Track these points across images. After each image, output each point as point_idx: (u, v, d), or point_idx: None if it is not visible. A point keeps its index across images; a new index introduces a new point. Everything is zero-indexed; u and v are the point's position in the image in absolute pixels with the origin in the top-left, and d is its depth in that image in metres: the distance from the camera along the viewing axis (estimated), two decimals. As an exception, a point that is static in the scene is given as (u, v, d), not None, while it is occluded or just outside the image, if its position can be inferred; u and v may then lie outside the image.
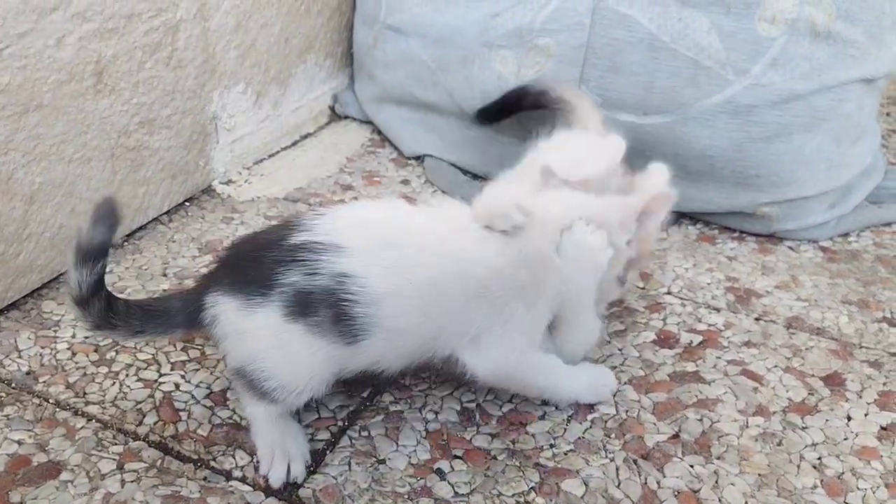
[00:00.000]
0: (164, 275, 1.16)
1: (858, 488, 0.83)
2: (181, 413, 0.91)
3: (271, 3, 1.42)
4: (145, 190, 1.25)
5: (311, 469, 0.84)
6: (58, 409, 0.91)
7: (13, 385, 0.94)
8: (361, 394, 0.95)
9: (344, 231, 0.81)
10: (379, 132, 1.63)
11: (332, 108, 1.69)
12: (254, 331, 0.80)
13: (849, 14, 1.20)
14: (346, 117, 1.70)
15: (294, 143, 1.58)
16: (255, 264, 0.81)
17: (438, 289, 0.81)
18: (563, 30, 1.30)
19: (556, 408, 0.93)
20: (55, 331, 1.04)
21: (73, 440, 0.86)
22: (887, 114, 1.83)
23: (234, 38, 1.36)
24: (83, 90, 1.10)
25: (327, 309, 0.78)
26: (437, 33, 1.43)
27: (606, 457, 0.87)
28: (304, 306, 0.78)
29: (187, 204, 1.35)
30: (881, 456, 0.88)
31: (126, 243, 1.23)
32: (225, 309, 0.82)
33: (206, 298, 0.83)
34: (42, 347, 1.01)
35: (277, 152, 1.54)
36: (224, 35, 1.33)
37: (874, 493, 0.83)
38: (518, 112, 1.34)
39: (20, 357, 0.99)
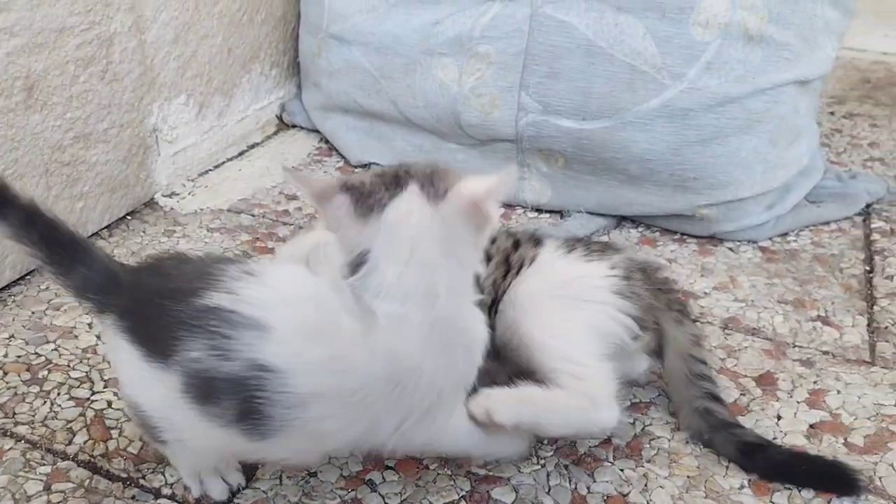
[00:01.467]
0: (102, 290, 1.14)
1: (785, 487, 0.84)
2: (112, 431, 0.90)
3: (212, 14, 1.42)
4: (83, 205, 1.23)
5: (242, 485, 0.83)
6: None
7: (-60, 407, 0.93)
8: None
9: (273, 306, 0.66)
10: (326, 141, 1.63)
11: (279, 118, 1.69)
12: (148, 384, 0.68)
13: (780, 17, 1.22)
14: (295, 126, 1.70)
15: (240, 154, 1.58)
16: (158, 316, 0.66)
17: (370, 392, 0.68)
18: (502, 37, 1.31)
19: (490, 415, 0.94)
20: (-12, 348, 1.02)
21: (1, 462, 0.85)
22: (831, 112, 1.86)
23: (174, 49, 1.35)
24: (13, 106, 1.08)
25: (234, 401, 0.65)
26: (378, 42, 1.44)
27: (538, 463, 0.87)
28: (204, 392, 0.65)
29: (128, 218, 1.34)
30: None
31: (63, 259, 1.21)
32: (119, 345, 0.69)
33: (106, 306, 0.70)
34: (-25, 365, 0.99)
35: (223, 163, 1.53)
36: (162, 47, 1.32)
37: (800, 492, 0.84)
38: None
39: (-51, 378, 0.97)
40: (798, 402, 0.97)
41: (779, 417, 0.94)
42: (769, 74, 1.23)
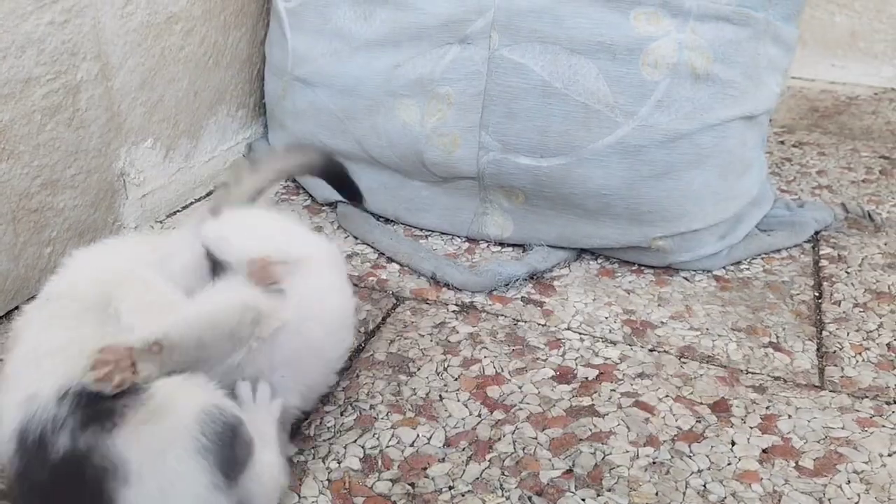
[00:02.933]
0: (70, 336, 1.15)
1: (738, 512, 0.88)
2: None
3: (178, 59, 1.44)
4: (51, 250, 1.24)
5: (212, 527, 0.85)
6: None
7: None
8: (265, 447, 0.96)
9: None
10: (293, 180, 1.66)
11: (246, 158, 1.72)
12: None
13: (725, 57, 1.28)
14: (261, 166, 1.72)
15: (208, 194, 1.60)
16: None
17: None
18: (461, 78, 1.36)
19: (456, 448, 0.96)
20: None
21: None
22: (781, 142, 1.93)
23: (140, 95, 1.37)
24: (-20, 156, 1.10)
25: None
26: (342, 83, 1.47)
27: (503, 495, 0.90)
28: None
29: (96, 261, 1.35)
30: (761, 479, 0.93)
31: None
32: None
33: None
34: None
35: (191, 203, 1.55)
36: (129, 93, 1.35)
37: (753, 514, 0.88)
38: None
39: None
40: (751, 428, 1.01)
41: (733, 443, 0.98)
42: (716, 111, 1.29)
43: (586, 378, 1.09)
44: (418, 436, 0.99)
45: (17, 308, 1.21)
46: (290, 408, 0.92)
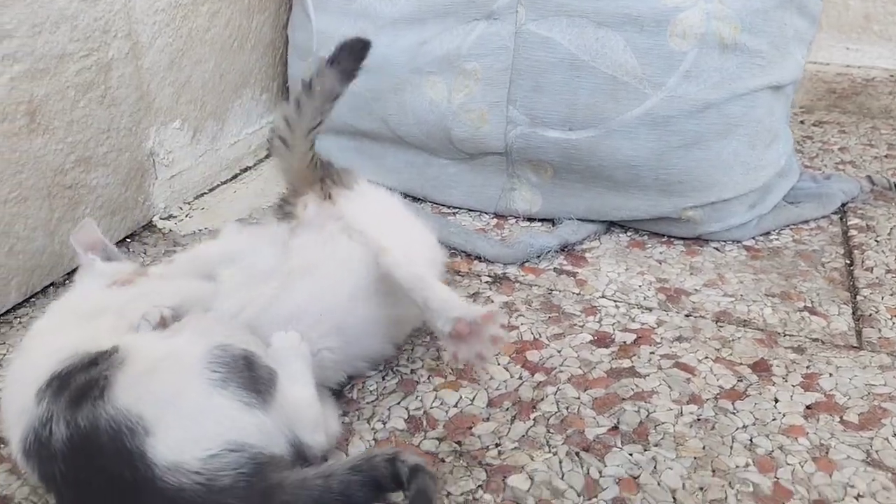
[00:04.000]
0: (107, 309, 1.16)
1: (787, 463, 0.88)
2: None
3: (204, 40, 1.45)
4: (84, 228, 1.25)
5: (262, 484, 0.85)
6: (3, 446, 0.90)
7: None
8: (309, 409, 0.96)
9: None
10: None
11: (270, 142, 1.72)
12: None
13: (753, 27, 1.28)
14: (285, 150, 1.73)
15: (234, 177, 1.60)
16: None
17: None
18: (488, 54, 1.36)
19: (500, 408, 0.96)
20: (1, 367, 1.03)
21: (21, 475, 0.86)
22: (801, 121, 1.93)
23: (169, 75, 1.38)
24: (16, 130, 1.10)
25: None
26: (368, 63, 1.47)
27: (550, 451, 0.90)
28: None
29: (128, 240, 1.35)
30: (807, 433, 0.93)
31: (67, 281, 1.23)
32: None
33: None
34: (-15, 384, 1.00)
35: (217, 186, 1.56)
36: (158, 73, 1.35)
37: (802, 466, 0.88)
38: None
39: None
40: (793, 386, 1.01)
41: (776, 400, 0.98)
42: (745, 80, 1.29)
43: (624, 342, 1.09)
44: (461, 397, 0.99)
45: (52, 284, 1.21)
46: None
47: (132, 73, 1.29)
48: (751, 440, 0.92)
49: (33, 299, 1.18)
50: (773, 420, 0.95)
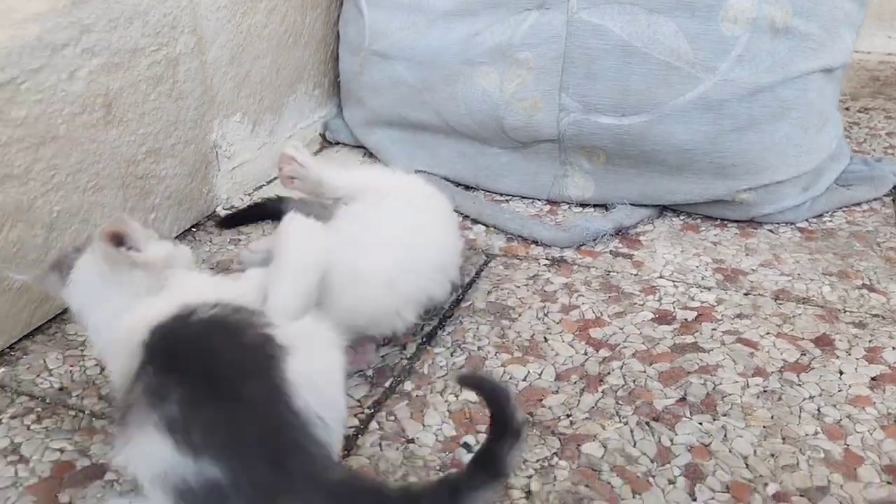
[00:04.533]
0: (180, 293, 1.20)
1: (857, 431, 0.89)
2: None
3: (262, 36, 1.50)
4: (154, 216, 1.30)
5: (346, 452, 0.88)
6: (94, 419, 0.95)
7: (47, 400, 0.98)
8: (384, 384, 0.99)
9: None
10: (370, 154, 1.70)
11: (322, 136, 1.76)
12: None
13: (804, 10, 1.30)
14: (337, 143, 1.77)
15: (289, 170, 1.64)
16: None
17: None
18: (540, 43, 1.39)
19: (568, 382, 0.99)
20: (81, 350, 1.08)
21: (113, 444, 0.90)
22: (846, 108, 1.93)
23: (230, 69, 1.43)
24: (94, 121, 1.15)
25: None
26: (420, 55, 1.51)
27: (620, 421, 0.92)
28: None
29: (194, 229, 1.40)
30: (874, 402, 0.94)
31: (139, 268, 1.27)
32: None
33: None
34: (71, 366, 1.04)
35: (275, 178, 1.60)
36: (220, 67, 1.40)
37: (871, 434, 0.89)
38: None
39: (51, 375, 1.03)
40: (857, 359, 1.02)
41: (841, 372, 0.99)
42: (797, 64, 1.31)
43: (685, 319, 1.11)
44: (529, 372, 1.01)
45: (125, 271, 1.26)
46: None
47: (197, 67, 1.34)
48: (818, 410, 0.93)
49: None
50: (839, 391, 0.96)
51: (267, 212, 1.40)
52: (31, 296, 1.09)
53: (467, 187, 1.55)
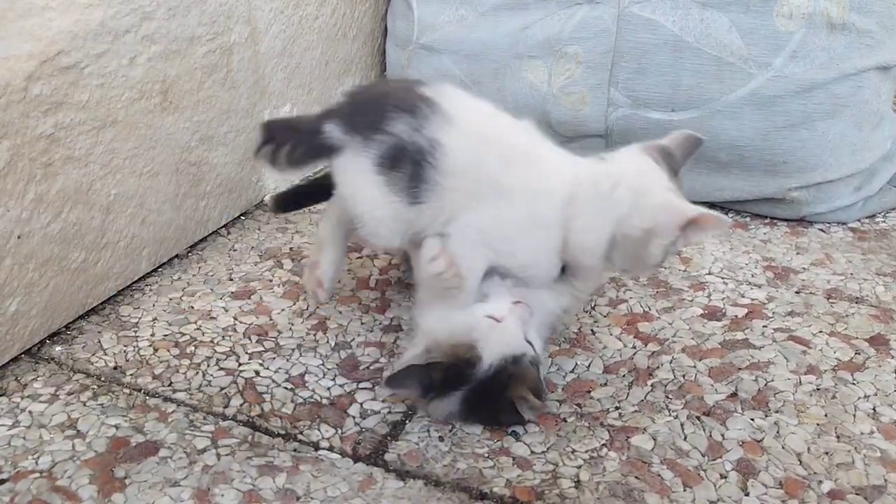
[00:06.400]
0: (231, 279, 1.22)
1: (913, 431, 0.88)
2: (264, 395, 0.96)
3: (313, 28, 1.51)
4: (206, 203, 1.32)
5: (393, 436, 0.89)
6: (148, 397, 0.96)
7: (102, 379, 1.00)
8: (432, 371, 1.00)
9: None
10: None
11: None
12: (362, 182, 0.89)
13: (861, 6, 1.28)
14: (382, 136, 1.78)
15: (335, 162, 1.66)
16: (371, 108, 0.91)
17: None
18: (590, 37, 1.39)
19: (617, 375, 0.98)
20: (135, 331, 1.10)
21: (167, 422, 0.92)
22: (899, 110, 1.89)
23: (281, 60, 1.44)
24: (152, 107, 1.17)
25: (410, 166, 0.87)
26: (468, 49, 1.52)
27: (670, 415, 0.92)
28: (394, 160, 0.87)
29: (243, 218, 1.42)
30: (931, 404, 0.92)
31: (190, 254, 1.29)
32: (350, 167, 0.90)
33: (324, 125, 0.91)
34: (125, 346, 1.06)
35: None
36: (272, 57, 1.42)
37: (929, 434, 0.87)
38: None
39: (105, 355, 1.05)
40: (913, 359, 1.00)
41: (896, 372, 0.98)
42: (853, 60, 1.29)
43: (736, 316, 1.10)
44: (577, 364, 1.01)
45: (176, 256, 1.28)
46: None
47: (251, 57, 1.36)
48: (874, 409, 0.92)
49: (161, 269, 1.25)
50: (895, 391, 0.94)
51: (317, 190, 1.34)
52: (86, 277, 1.11)
53: (512, 181, 1.55)
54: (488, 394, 0.86)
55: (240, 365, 1.02)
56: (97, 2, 1.06)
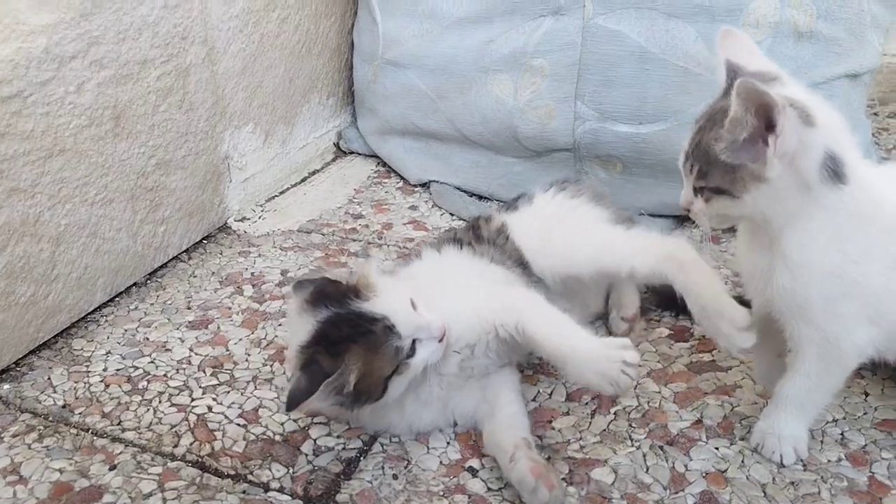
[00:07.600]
0: (189, 307, 1.19)
1: (882, 458, 0.85)
2: (216, 433, 0.93)
3: (275, 45, 1.48)
4: (164, 229, 1.29)
5: (346, 475, 0.86)
6: (95, 438, 0.93)
7: (50, 418, 0.97)
8: (389, 403, 0.97)
9: None
10: (384, 164, 1.68)
11: (336, 145, 1.75)
12: None
13: (829, 14, 1.25)
14: (351, 153, 1.75)
15: (303, 180, 1.63)
16: None
17: None
18: (555, 50, 1.36)
19: (579, 402, 0.96)
20: (87, 366, 1.07)
21: (113, 465, 0.89)
22: (875, 113, 1.87)
23: (242, 80, 1.41)
24: (103, 134, 1.14)
25: None
26: (433, 63, 1.49)
27: (633, 445, 0.89)
28: None
29: (205, 241, 1.39)
30: (901, 427, 0.90)
31: (149, 281, 1.26)
32: None
33: None
34: (75, 382, 1.03)
35: (287, 189, 1.58)
36: (232, 77, 1.39)
37: (898, 461, 0.85)
38: None
39: (55, 392, 1.02)
40: (883, 380, 0.97)
41: (866, 394, 0.95)
42: (821, 69, 1.26)
43: (703, 336, 1.07)
44: (539, 391, 0.98)
45: (134, 284, 1.25)
46: None
47: (208, 78, 1.33)
48: (842, 434, 0.89)
49: (118, 298, 1.22)
50: (865, 414, 0.92)
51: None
52: (36, 311, 1.08)
53: (481, 197, 1.52)
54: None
55: (192, 400, 0.99)
56: (40, 28, 1.03)
